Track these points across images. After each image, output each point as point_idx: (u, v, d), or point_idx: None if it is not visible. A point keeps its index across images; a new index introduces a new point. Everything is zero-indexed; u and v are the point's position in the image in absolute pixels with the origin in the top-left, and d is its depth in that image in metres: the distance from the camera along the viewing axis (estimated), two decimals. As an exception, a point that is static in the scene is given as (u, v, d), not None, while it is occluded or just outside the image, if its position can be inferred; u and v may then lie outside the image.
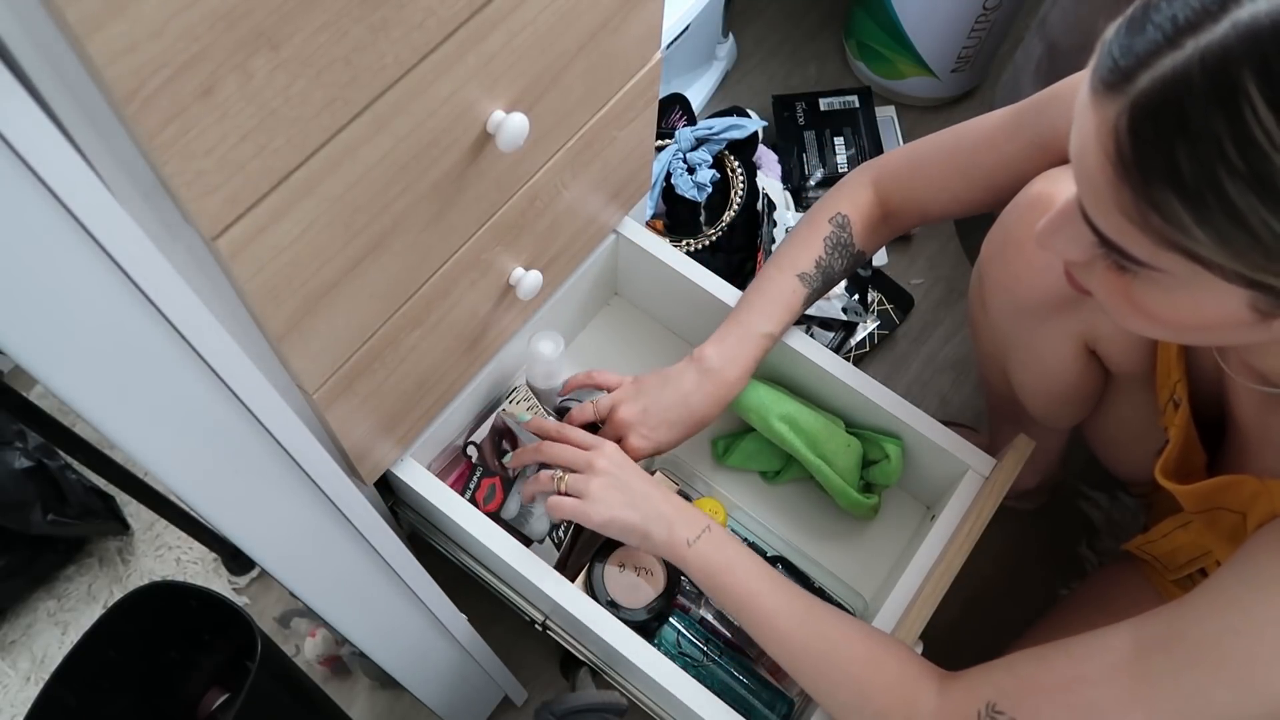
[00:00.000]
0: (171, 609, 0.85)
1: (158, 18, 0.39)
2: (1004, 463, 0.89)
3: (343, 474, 0.58)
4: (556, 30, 0.65)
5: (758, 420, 0.96)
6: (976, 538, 0.86)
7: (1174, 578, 0.84)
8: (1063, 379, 0.84)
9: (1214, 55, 0.42)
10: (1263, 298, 0.48)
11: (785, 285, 0.87)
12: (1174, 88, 0.43)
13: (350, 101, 0.52)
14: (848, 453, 0.96)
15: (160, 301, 0.41)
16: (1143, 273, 0.51)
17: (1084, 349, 0.81)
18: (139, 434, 0.45)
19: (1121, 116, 0.46)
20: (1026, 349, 0.84)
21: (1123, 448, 0.95)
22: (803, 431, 0.96)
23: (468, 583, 0.97)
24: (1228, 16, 0.42)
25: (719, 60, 1.48)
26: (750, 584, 0.76)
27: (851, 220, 0.87)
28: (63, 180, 0.35)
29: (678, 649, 0.91)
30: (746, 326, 0.87)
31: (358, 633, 0.73)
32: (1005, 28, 1.40)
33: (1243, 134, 0.42)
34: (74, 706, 0.80)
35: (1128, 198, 0.47)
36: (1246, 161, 0.42)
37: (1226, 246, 0.45)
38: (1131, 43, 0.45)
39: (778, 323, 0.87)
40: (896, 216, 0.88)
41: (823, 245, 0.86)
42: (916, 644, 0.81)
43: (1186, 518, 0.78)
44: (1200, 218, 0.45)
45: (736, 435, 1.04)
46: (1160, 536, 0.83)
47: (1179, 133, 0.44)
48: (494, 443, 0.95)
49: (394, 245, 0.64)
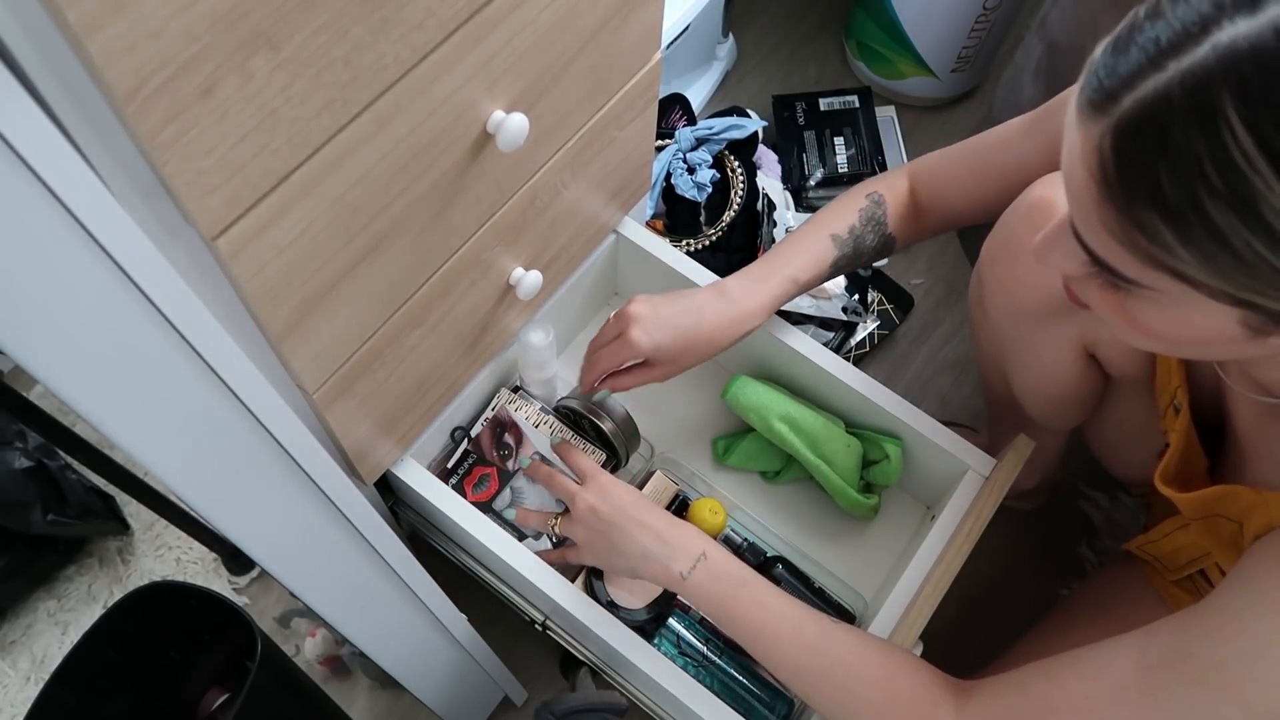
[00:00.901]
0: (171, 609, 0.85)
1: (157, 18, 0.39)
2: (1004, 463, 0.89)
3: (343, 474, 0.58)
4: (556, 30, 0.65)
5: (758, 421, 0.96)
6: (976, 538, 0.86)
7: (1174, 578, 0.84)
8: (1062, 382, 0.84)
9: (1194, 77, 0.43)
10: (1254, 315, 0.48)
11: (818, 239, 0.87)
12: (1156, 109, 0.44)
13: (350, 101, 0.52)
14: (848, 453, 0.96)
15: (160, 301, 0.41)
16: (1135, 290, 0.51)
17: (1083, 352, 0.81)
18: (139, 434, 0.45)
19: (1105, 137, 0.46)
20: (1026, 352, 0.84)
21: (1122, 449, 0.95)
22: (803, 432, 0.96)
23: (468, 583, 0.97)
24: (1208, 39, 0.42)
25: (719, 60, 1.48)
26: (755, 614, 0.74)
27: (886, 200, 0.88)
28: (63, 180, 0.35)
29: (678, 648, 0.91)
30: (772, 267, 0.87)
31: (358, 633, 0.73)
32: (1005, 28, 1.40)
33: (1222, 155, 0.42)
34: (74, 706, 0.80)
35: (1112, 217, 0.47)
36: (1226, 182, 0.43)
37: (1210, 266, 0.45)
38: (1116, 64, 0.46)
39: (804, 270, 0.87)
40: (926, 213, 0.89)
41: (857, 215, 0.87)
42: (916, 644, 0.81)
43: (1185, 519, 0.78)
44: (1183, 237, 0.45)
45: (737, 435, 1.04)
46: (1161, 537, 0.83)
47: (1160, 153, 0.44)
48: (494, 433, 0.95)
49: (394, 245, 0.64)
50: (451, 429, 0.94)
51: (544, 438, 0.95)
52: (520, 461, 0.93)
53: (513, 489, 0.93)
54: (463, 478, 0.93)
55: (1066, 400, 0.87)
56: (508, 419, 0.96)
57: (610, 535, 0.78)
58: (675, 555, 0.76)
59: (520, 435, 0.96)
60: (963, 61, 1.42)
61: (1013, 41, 1.52)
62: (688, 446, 1.05)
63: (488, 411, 0.96)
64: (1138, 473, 0.93)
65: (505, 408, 0.96)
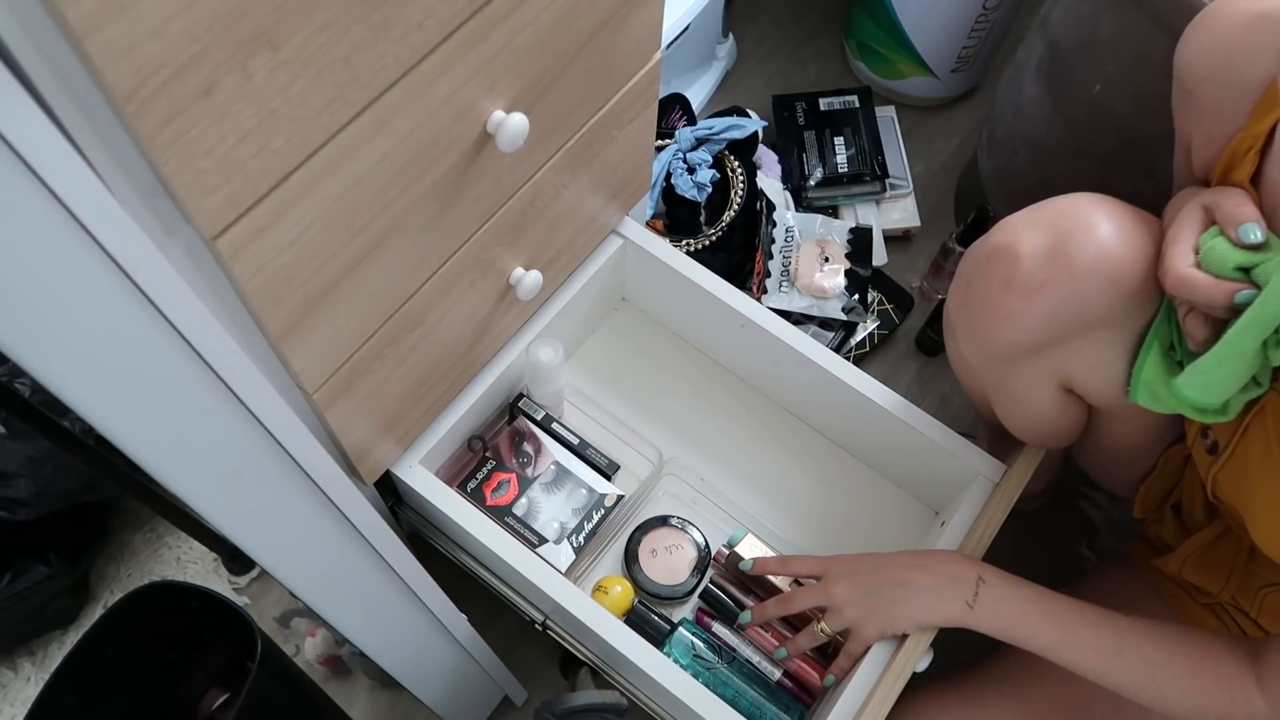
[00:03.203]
0: (171, 609, 0.85)
1: (157, 18, 0.39)
2: (1015, 469, 0.89)
3: (343, 474, 0.58)
4: (556, 30, 0.65)
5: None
6: (988, 544, 0.86)
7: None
8: (1044, 416, 0.84)
9: None
10: None
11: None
12: None
13: (350, 101, 0.52)
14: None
15: (160, 301, 0.41)
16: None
17: (1059, 388, 0.80)
18: (138, 434, 0.45)
19: None
20: (1004, 393, 0.84)
21: (1110, 471, 0.95)
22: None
23: (468, 583, 0.97)
24: None
25: (719, 60, 1.48)
26: (1048, 626, 0.76)
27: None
28: (63, 180, 0.35)
29: (692, 651, 0.91)
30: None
31: (358, 633, 0.73)
32: (1005, 27, 1.40)
33: None
34: (74, 706, 0.80)
35: None
36: None
37: None
38: None
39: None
40: None
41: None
42: (927, 653, 0.81)
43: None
44: None
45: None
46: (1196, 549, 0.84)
47: None
48: (512, 441, 0.97)
49: (394, 245, 0.64)
50: (469, 438, 0.96)
51: (558, 446, 0.98)
52: (742, 618, 0.92)
53: (529, 499, 0.95)
54: (481, 482, 0.95)
55: (1052, 431, 0.86)
56: (526, 430, 0.97)
57: (883, 598, 0.80)
58: (952, 587, 0.78)
59: (539, 445, 0.97)
60: (963, 61, 1.42)
61: (1013, 41, 1.52)
62: (686, 446, 1.05)
63: (502, 423, 0.98)
64: (1128, 490, 0.93)
65: (524, 421, 0.98)
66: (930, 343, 1.29)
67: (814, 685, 0.91)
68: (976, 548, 0.85)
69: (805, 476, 1.05)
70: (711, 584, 0.96)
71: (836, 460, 1.06)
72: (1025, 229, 0.71)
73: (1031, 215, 0.72)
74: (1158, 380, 0.69)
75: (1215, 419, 0.68)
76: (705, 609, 0.96)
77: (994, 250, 0.73)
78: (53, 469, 1.00)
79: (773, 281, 1.23)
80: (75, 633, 1.11)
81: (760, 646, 0.93)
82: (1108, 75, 0.97)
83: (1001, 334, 0.74)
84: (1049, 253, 0.69)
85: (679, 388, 1.09)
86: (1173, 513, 0.87)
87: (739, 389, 1.09)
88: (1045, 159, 1.11)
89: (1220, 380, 0.64)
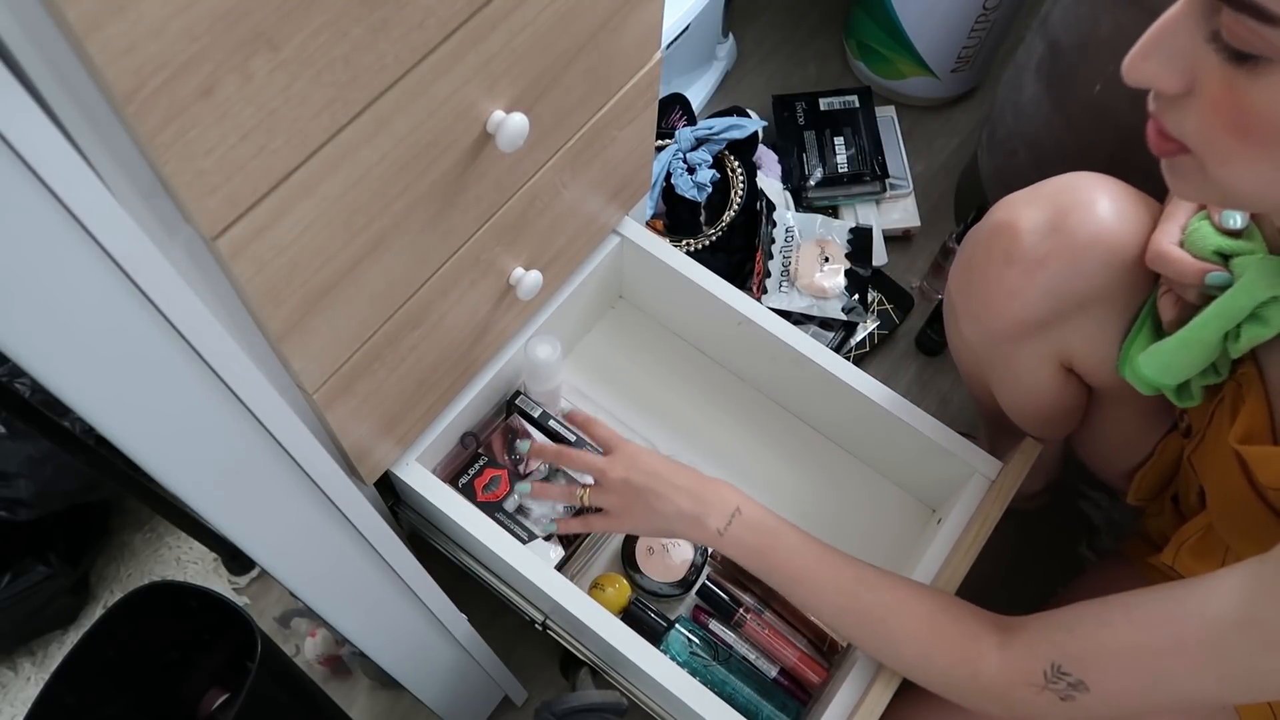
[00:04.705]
0: (171, 609, 0.85)
1: (157, 18, 0.39)
2: (1010, 466, 0.89)
3: (343, 474, 0.58)
4: (556, 30, 0.65)
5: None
6: (983, 542, 0.86)
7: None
8: (1045, 398, 0.84)
9: None
10: None
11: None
12: None
13: (350, 101, 0.52)
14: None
15: (160, 301, 0.41)
16: (1262, 66, 0.44)
17: (1060, 367, 0.80)
18: (138, 434, 0.45)
19: None
20: (1005, 373, 0.84)
21: (1110, 459, 0.95)
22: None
23: (468, 583, 0.97)
24: None
25: (719, 60, 1.48)
26: (794, 561, 0.76)
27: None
28: (63, 180, 0.35)
29: (689, 649, 0.91)
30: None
31: (358, 633, 0.73)
32: (1005, 27, 1.40)
33: None
34: (74, 706, 0.80)
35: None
36: None
37: None
38: None
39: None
40: None
41: None
42: None
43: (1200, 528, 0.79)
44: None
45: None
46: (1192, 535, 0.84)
47: None
48: (505, 438, 0.97)
49: (393, 245, 0.64)
50: (461, 434, 0.95)
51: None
52: (520, 446, 0.93)
53: (519, 492, 0.94)
54: (473, 478, 0.95)
55: (1052, 414, 0.87)
56: (520, 427, 0.97)
57: (645, 500, 0.79)
58: (711, 512, 0.78)
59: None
60: (963, 61, 1.42)
61: (1013, 41, 1.52)
62: (683, 447, 1.05)
63: (498, 420, 0.97)
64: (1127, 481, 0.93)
65: (518, 418, 0.97)
66: (930, 343, 1.29)
67: (811, 684, 0.91)
68: (973, 545, 0.85)
69: (801, 474, 1.05)
70: (708, 582, 0.96)
71: (833, 458, 1.06)
72: (1025, 206, 0.72)
73: (1032, 193, 0.73)
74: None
75: (1185, 403, 0.69)
76: (702, 606, 0.96)
77: (995, 227, 0.74)
78: (53, 469, 1.00)
79: (773, 281, 1.23)
80: (75, 633, 1.11)
81: (758, 644, 0.93)
82: (1108, 75, 0.97)
83: (1004, 310, 0.75)
84: (1049, 227, 0.70)
85: (675, 385, 1.09)
86: (1172, 504, 0.87)
87: (736, 387, 1.09)
88: (1045, 159, 1.11)
89: (1178, 364, 0.66)
